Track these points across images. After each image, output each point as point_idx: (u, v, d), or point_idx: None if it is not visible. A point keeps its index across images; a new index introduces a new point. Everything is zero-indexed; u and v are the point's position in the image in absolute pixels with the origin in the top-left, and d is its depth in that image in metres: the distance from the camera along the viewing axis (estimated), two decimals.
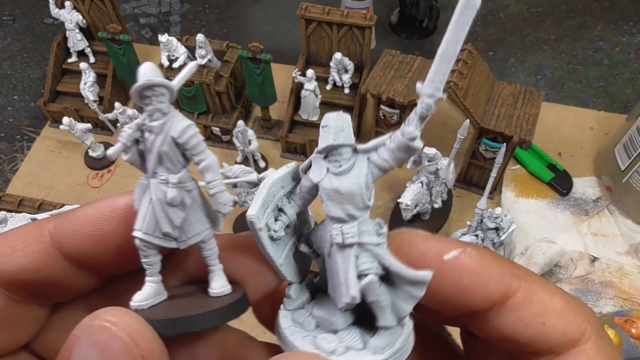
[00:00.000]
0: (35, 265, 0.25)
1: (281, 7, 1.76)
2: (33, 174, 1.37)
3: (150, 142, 0.25)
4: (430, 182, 1.12)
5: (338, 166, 0.25)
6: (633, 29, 1.63)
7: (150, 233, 0.25)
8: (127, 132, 0.25)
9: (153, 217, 0.25)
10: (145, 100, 0.25)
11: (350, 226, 0.25)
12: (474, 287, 0.25)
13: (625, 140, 1.17)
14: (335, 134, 0.24)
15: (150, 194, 0.25)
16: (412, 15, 1.59)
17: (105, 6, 1.36)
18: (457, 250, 0.25)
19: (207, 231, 0.27)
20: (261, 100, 1.33)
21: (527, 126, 1.09)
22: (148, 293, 0.26)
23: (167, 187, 0.25)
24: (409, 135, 0.24)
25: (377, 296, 0.25)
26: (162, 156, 0.25)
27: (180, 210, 0.25)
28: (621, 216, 1.21)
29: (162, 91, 0.25)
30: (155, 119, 0.25)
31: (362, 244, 0.25)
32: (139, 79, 0.24)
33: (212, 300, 0.27)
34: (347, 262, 0.24)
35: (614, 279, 1.06)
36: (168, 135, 0.25)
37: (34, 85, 1.58)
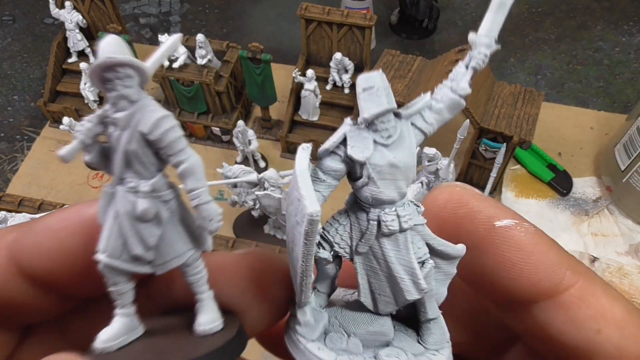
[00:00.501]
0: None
1: (281, 7, 1.76)
2: (33, 174, 1.37)
3: (115, 138, 0.19)
4: (430, 182, 1.12)
5: (387, 136, 0.21)
6: (633, 29, 1.63)
7: (116, 256, 0.20)
8: (86, 127, 0.20)
9: (120, 235, 0.20)
10: (107, 84, 0.19)
11: (406, 207, 0.21)
12: (523, 268, 0.21)
13: (625, 140, 1.17)
14: (387, 96, 0.20)
15: (116, 205, 0.20)
16: (412, 15, 1.59)
17: (105, 6, 1.36)
18: (512, 220, 0.22)
19: (191, 252, 0.21)
20: (261, 100, 1.33)
21: (527, 126, 1.09)
22: (117, 330, 0.21)
23: (137, 197, 0.20)
24: (463, 92, 0.21)
25: (430, 284, 0.22)
26: (130, 157, 0.19)
27: (154, 226, 0.20)
28: (621, 216, 1.21)
29: (127, 72, 0.19)
30: (121, 109, 0.19)
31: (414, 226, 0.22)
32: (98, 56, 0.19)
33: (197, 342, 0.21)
34: (407, 251, 0.21)
35: (614, 279, 1.06)
36: (136, 130, 0.19)
37: (34, 85, 1.58)
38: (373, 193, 0.21)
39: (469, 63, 0.22)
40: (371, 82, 0.20)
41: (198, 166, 0.20)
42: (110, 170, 0.20)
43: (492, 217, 0.22)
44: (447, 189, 0.23)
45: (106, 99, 0.20)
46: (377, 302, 0.22)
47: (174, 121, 0.20)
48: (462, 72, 0.22)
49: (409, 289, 0.21)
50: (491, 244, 0.22)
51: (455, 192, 0.23)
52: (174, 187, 0.21)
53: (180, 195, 0.21)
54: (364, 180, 0.21)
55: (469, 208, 0.22)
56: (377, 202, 0.21)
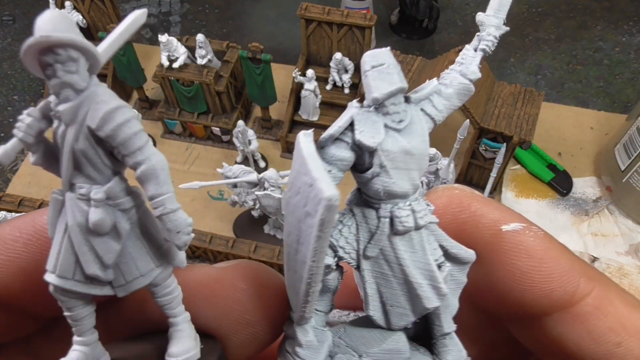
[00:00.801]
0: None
1: (281, 7, 1.76)
2: (33, 174, 1.37)
3: (60, 135, 0.16)
4: (430, 182, 1.12)
5: (399, 119, 0.18)
6: (633, 29, 1.63)
7: (68, 277, 0.16)
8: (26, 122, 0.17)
9: (72, 252, 0.16)
10: (47, 69, 0.15)
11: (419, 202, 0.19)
12: (534, 277, 0.19)
13: (625, 140, 1.17)
14: (399, 74, 0.18)
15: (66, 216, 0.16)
16: (412, 15, 1.59)
17: (105, 6, 1.36)
18: (519, 224, 0.20)
19: (158, 270, 0.18)
20: (261, 100, 1.33)
21: (527, 126, 1.09)
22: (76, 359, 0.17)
23: (90, 205, 0.16)
24: (473, 76, 0.20)
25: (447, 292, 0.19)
26: (79, 158, 0.16)
27: (112, 240, 0.16)
28: (621, 216, 1.21)
29: (70, 55, 0.15)
30: (64, 100, 0.16)
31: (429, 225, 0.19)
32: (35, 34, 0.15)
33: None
34: (424, 252, 0.18)
35: (614, 279, 1.06)
36: (84, 126, 0.16)
37: (34, 85, 1.58)
38: (385, 185, 0.18)
39: (478, 46, 0.20)
40: (380, 59, 0.18)
41: (161, 168, 0.16)
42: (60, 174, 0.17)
43: (497, 221, 0.20)
44: (446, 192, 0.21)
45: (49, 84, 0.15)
46: (389, 316, 0.19)
47: (129, 113, 0.16)
48: (471, 56, 0.21)
49: (427, 296, 0.18)
50: (498, 251, 0.20)
51: (454, 196, 0.20)
52: (135, 193, 0.17)
53: (143, 203, 0.17)
54: (374, 171, 0.18)
55: (472, 212, 0.20)
56: (390, 195, 0.18)
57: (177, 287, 0.18)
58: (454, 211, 0.20)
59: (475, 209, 0.20)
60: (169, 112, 1.37)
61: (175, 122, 1.38)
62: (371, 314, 0.19)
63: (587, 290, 0.19)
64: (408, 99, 0.19)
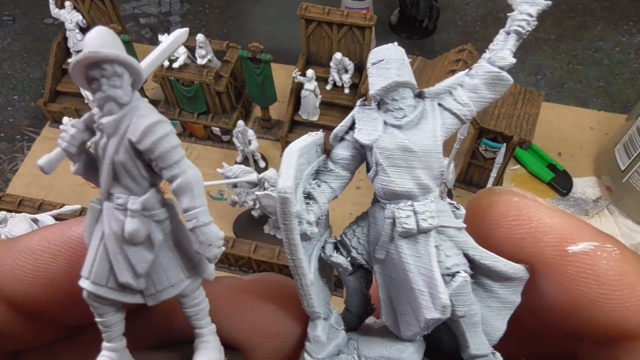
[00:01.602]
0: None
1: (281, 7, 1.76)
2: (33, 174, 1.37)
3: (102, 147, 0.16)
4: None
5: (402, 115, 0.17)
6: (633, 29, 1.63)
7: (101, 283, 0.17)
8: (70, 133, 0.17)
9: (106, 259, 0.17)
10: (93, 83, 0.16)
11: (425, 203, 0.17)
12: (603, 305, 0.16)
13: (625, 140, 1.17)
14: (398, 68, 0.17)
15: (102, 224, 0.17)
16: (412, 15, 1.59)
17: (105, 6, 1.36)
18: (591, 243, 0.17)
19: (188, 282, 0.18)
20: (261, 100, 1.33)
21: (527, 126, 1.09)
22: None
23: (126, 215, 0.16)
24: (502, 62, 0.17)
25: (469, 306, 0.17)
26: (118, 169, 0.16)
27: (146, 250, 0.17)
28: (621, 216, 1.21)
29: (115, 70, 0.16)
30: (108, 113, 0.16)
31: (443, 229, 0.17)
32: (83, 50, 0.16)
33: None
34: (428, 257, 0.16)
35: None
36: (125, 138, 0.16)
37: (34, 85, 1.58)
38: (384, 184, 0.17)
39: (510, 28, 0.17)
40: (381, 54, 0.18)
41: (196, 182, 0.17)
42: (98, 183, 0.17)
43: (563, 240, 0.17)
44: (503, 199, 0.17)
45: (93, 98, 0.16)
46: (399, 324, 0.17)
47: (168, 128, 0.17)
48: (502, 40, 0.18)
49: (427, 305, 0.16)
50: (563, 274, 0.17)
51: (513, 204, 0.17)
52: (169, 205, 0.18)
53: (177, 215, 0.18)
54: (373, 169, 0.17)
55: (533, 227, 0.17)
56: (391, 195, 0.17)
57: (205, 299, 0.18)
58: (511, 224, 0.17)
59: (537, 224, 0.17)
60: (169, 112, 1.37)
61: (175, 122, 1.38)
62: (384, 320, 0.18)
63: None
64: (422, 93, 0.18)
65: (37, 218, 0.96)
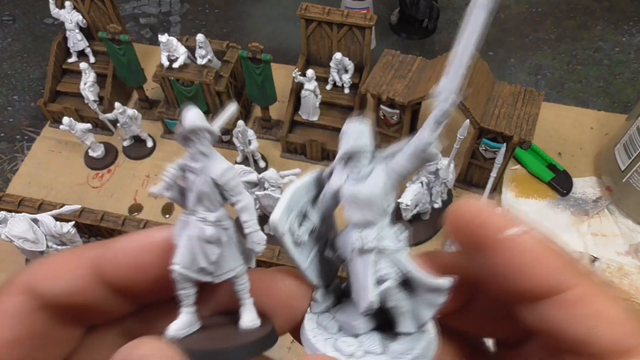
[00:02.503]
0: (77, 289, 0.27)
1: (281, 7, 1.76)
2: (33, 174, 1.37)
3: (191, 182, 0.26)
4: (430, 182, 1.12)
5: (357, 172, 0.25)
6: (633, 29, 1.63)
7: (187, 267, 0.26)
8: (171, 172, 0.27)
9: (191, 252, 0.26)
10: (189, 142, 0.25)
11: (369, 232, 0.25)
12: (529, 269, 0.24)
13: (625, 140, 1.17)
14: (355, 139, 0.24)
15: (189, 230, 0.26)
16: (412, 15, 1.59)
17: (105, 6, 1.36)
18: (520, 228, 0.25)
19: (241, 267, 0.28)
20: (261, 100, 1.33)
21: (527, 126, 1.09)
22: (183, 323, 0.27)
23: (206, 225, 0.26)
24: (424, 143, 0.24)
25: (397, 302, 0.25)
26: (202, 196, 0.26)
27: (216, 247, 0.26)
28: (621, 216, 1.21)
29: (205, 135, 0.25)
30: (197, 161, 0.25)
31: (382, 250, 0.25)
32: (184, 123, 0.25)
33: (242, 334, 0.27)
34: (366, 267, 0.25)
35: (614, 279, 1.06)
36: (208, 176, 0.25)
37: (34, 85, 1.58)
38: (346, 216, 0.26)
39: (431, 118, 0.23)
40: (347, 128, 0.25)
41: (251, 205, 0.27)
42: (185, 205, 0.27)
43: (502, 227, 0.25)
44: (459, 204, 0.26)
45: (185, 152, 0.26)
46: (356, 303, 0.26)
47: (234, 170, 0.26)
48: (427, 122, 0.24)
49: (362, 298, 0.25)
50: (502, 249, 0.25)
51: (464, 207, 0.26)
52: (230, 218, 0.27)
53: (234, 224, 0.28)
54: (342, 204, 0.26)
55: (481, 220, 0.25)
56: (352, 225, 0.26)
57: (248, 281, 0.28)
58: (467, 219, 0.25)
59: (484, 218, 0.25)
60: (169, 112, 1.37)
61: (175, 122, 1.38)
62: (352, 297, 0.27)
63: (574, 283, 0.24)
64: (374, 155, 0.25)
65: (37, 218, 0.96)
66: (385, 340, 0.27)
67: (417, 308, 0.26)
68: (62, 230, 0.96)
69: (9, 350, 0.25)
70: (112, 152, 1.39)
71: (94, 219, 1.10)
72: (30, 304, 0.26)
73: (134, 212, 1.28)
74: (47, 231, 0.96)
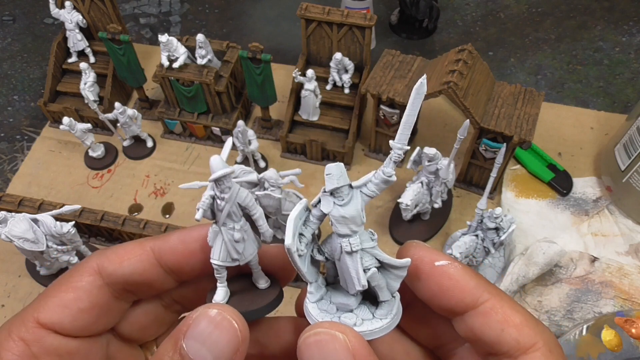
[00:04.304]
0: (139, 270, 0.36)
1: (281, 7, 1.76)
2: (33, 174, 1.37)
3: (222, 206, 0.36)
4: (430, 182, 1.12)
5: (341, 200, 0.34)
6: (633, 29, 1.63)
7: (224, 260, 0.36)
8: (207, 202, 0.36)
9: (226, 250, 0.36)
10: (219, 183, 0.35)
11: (355, 238, 0.34)
12: (453, 290, 0.33)
13: (625, 140, 1.17)
14: (338, 179, 0.33)
15: (222, 236, 0.36)
16: (412, 15, 1.59)
17: (105, 6, 1.36)
18: (446, 261, 0.34)
19: (255, 251, 0.38)
20: (261, 100, 1.33)
21: (527, 126, 1.09)
22: (222, 294, 0.37)
23: (234, 231, 0.36)
24: (387, 175, 0.34)
25: (378, 281, 0.34)
26: (230, 213, 0.36)
27: (242, 244, 0.37)
28: (621, 216, 1.21)
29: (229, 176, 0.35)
30: (225, 192, 0.36)
31: (364, 249, 0.34)
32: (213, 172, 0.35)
33: (263, 294, 0.38)
34: (356, 263, 0.34)
35: (614, 279, 1.06)
36: (235, 201, 0.36)
37: (34, 85, 1.58)
38: (335, 230, 0.34)
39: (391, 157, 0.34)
40: (329, 170, 0.33)
41: (262, 213, 0.38)
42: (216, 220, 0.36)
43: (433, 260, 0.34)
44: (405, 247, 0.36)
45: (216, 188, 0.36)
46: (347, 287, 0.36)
47: (249, 194, 0.37)
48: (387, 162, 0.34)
49: (354, 284, 0.34)
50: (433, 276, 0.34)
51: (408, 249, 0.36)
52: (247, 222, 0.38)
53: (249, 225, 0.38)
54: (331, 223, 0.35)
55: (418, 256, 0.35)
56: (338, 234, 0.34)
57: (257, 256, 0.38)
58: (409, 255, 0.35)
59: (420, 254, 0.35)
60: (169, 112, 1.37)
61: (175, 122, 1.38)
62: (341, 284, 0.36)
63: (486, 298, 0.32)
64: (351, 186, 0.34)
65: (37, 218, 0.96)
66: (371, 309, 0.36)
67: (389, 282, 0.35)
68: (62, 230, 0.96)
69: (83, 316, 0.33)
70: (112, 152, 1.40)
71: (94, 219, 1.10)
72: (99, 282, 0.34)
73: (133, 212, 1.28)
74: (47, 231, 0.96)
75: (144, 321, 0.38)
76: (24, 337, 0.30)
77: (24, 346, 0.30)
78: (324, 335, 0.30)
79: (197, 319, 0.30)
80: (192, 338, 0.29)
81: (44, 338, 0.31)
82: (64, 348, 0.32)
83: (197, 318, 0.30)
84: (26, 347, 0.30)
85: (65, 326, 0.32)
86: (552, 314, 1.03)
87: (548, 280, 1.07)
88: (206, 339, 0.29)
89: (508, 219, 1.03)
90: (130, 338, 0.38)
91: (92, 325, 0.34)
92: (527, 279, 1.03)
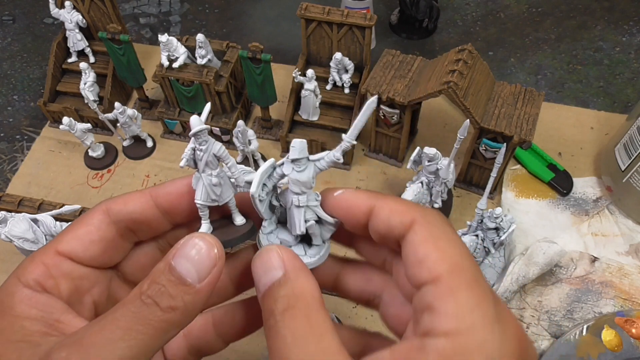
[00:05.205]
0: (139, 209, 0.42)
1: (281, 7, 1.76)
2: (33, 174, 1.37)
3: (201, 156, 0.43)
4: (430, 182, 1.12)
5: (299, 167, 0.42)
6: (633, 29, 1.63)
7: (205, 200, 0.43)
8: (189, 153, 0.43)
9: (206, 192, 0.43)
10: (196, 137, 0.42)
11: (303, 197, 0.42)
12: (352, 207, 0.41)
13: (626, 140, 1.17)
14: (299, 152, 0.41)
15: (203, 181, 0.43)
16: (412, 15, 1.59)
17: (105, 6, 1.36)
18: (341, 190, 0.42)
19: (232, 195, 0.45)
20: (261, 100, 1.33)
21: (527, 126, 1.09)
22: (205, 228, 0.44)
23: (212, 177, 0.43)
24: (336, 158, 0.42)
25: (314, 230, 0.43)
26: (208, 163, 0.43)
27: (219, 187, 0.43)
28: (621, 216, 1.21)
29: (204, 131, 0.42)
30: (203, 145, 0.42)
31: (309, 205, 0.43)
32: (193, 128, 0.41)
33: (239, 229, 0.46)
34: (300, 215, 0.43)
35: (614, 279, 1.06)
36: (211, 152, 0.43)
37: (34, 85, 1.58)
38: (290, 188, 0.42)
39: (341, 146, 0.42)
40: (294, 144, 0.41)
41: (234, 162, 0.44)
42: (196, 167, 0.43)
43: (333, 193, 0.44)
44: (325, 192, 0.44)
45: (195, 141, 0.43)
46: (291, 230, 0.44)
47: (224, 147, 0.43)
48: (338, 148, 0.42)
49: (296, 229, 0.43)
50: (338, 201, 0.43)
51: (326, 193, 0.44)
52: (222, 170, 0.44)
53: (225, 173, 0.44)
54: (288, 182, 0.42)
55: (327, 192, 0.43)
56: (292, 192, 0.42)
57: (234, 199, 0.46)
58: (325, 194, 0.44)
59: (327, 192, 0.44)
60: (169, 112, 1.37)
61: (175, 122, 1.38)
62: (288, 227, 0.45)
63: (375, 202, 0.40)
64: (309, 159, 0.42)
65: (37, 218, 0.96)
66: (305, 248, 0.45)
67: (323, 232, 0.44)
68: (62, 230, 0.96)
69: (93, 247, 0.40)
70: (112, 152, 1.39)
71: None
72: (107, 219, 0.41)
73: None
74: (47, 231, 0.96)
75: (143, 261, 0.45)
76: (45, 262, 0.38)
77: (44, 268, 0.37)
78: (264, 251, 0.40)
79: (184, 243, 0.37)
80: (179, 257, 0.36)
81: (60, 263, 0.38)
82: (76, 273, 0.39)
83: (184, 243, 0.37)
84: (46, 269, 0.37)
85: (79, 254, 0.39)
86: (552, 314, 1.02)
87: (548, 280, 1.07)
88: (191, 257, 0.36)
89: (508, 219, 1.03)
90: (131, 279, 0.45)
91: (100, 256, 0.41)
92: (527, 279, 1.03)
